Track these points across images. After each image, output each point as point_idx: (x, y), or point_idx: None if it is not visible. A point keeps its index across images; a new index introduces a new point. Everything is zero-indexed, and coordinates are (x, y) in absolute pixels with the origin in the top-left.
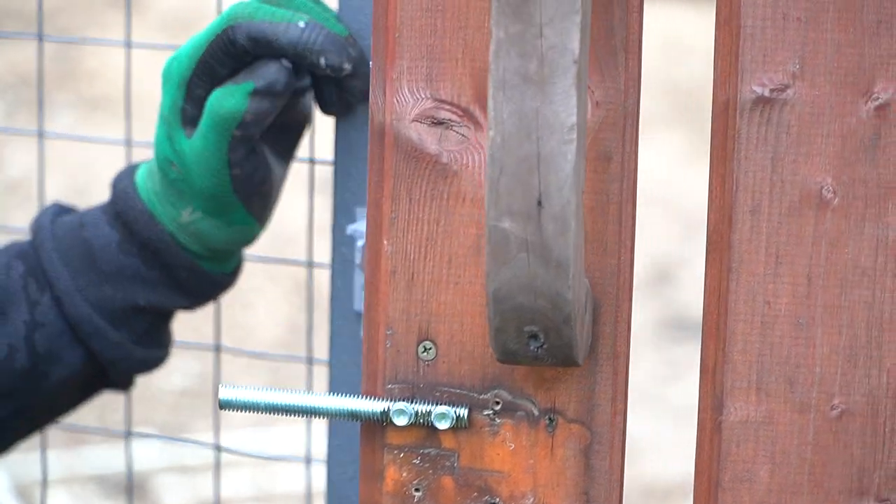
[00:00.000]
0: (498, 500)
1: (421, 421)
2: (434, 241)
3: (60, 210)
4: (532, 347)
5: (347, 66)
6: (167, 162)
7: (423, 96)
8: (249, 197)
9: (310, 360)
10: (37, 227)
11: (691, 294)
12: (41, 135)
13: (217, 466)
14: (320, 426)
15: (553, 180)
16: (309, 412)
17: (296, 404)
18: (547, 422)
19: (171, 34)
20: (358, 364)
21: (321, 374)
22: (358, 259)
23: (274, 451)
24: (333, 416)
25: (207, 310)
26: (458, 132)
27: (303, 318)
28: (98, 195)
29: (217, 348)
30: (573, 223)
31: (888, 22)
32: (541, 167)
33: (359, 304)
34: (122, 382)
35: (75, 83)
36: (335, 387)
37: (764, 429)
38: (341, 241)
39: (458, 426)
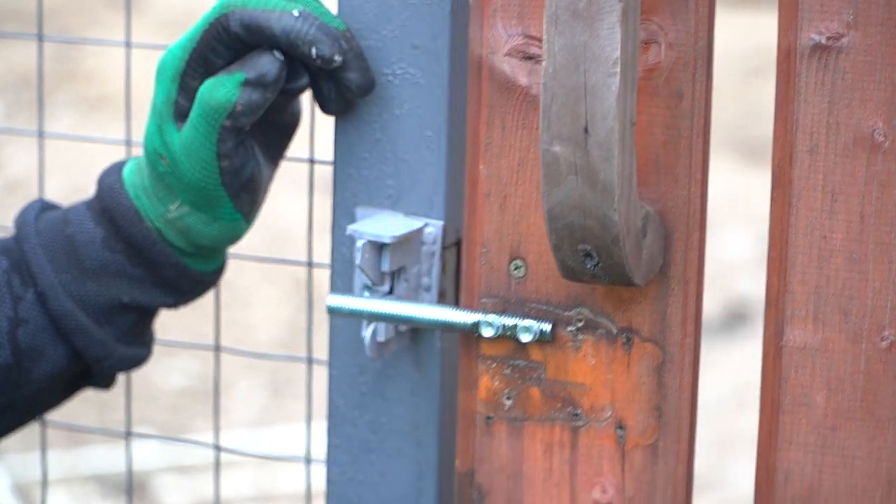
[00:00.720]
0: (580, 411)
1: (508, 333)
2: (525, 167)
3: (45, 206)
4: (588, 266)
5: (338, 59)
6: (156, 155)
7: (515, 32)
8: (237, 192)
9: (310, 360)
10: (21, 222)
11: None
12: (41, 135)
13: (217, 466)
14: (320, 426)
15: (598, 109)
16: (408, 321)
17: (397, 314)
18: (624, 340)
19: (171, 34)
20: (357, 364)
21: (321, 374)
22: (358, 259)
23: (274, 451)
24: (430, 326)
25: (207, 309)
26: None
27: (303, 318)
28: None
29: (217, 348)
30: (616, 150)
31: None
32: (587, 97)
33: None
34: (105, 380)
35: (75, 83)
36: (335, 387)
37: (820, 356)
38: (341, 241)
39: (542, 340)
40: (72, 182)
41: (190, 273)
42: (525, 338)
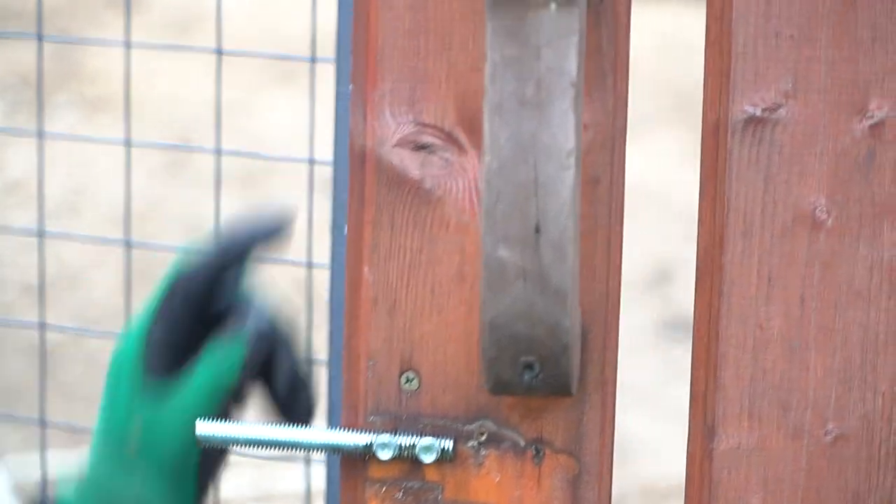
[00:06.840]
0: None
1: (406, 454)
2: (417, 269)
3: None
4: (526, 378)
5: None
6: (127, 440)
7: (406, 120)
8: (210, 469)
9: (309, 361)
10: None
11: (691, 294)
12: (41, 135)
13: None
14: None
15: (552, 206)
16: (289, 446)
17: (276, 438)
18: (534, 452)
19: (171, 34)
20: None
21: (321, 375)
22: None
23: (274, 452)
24: (314, 450)
25: None
26: (441, 157)
27: (303, 318)
28: (97, 195)
29: None
30: (570, 250)
31: (883, 38)
32: (539, 193)
33: None
34: None
35: (75, 83)
36: (334, 387)
37: (756, 455)
38: (340, 242)
39: (444, 458)
40: (72, 182)
41: None
42: (427, 458)
